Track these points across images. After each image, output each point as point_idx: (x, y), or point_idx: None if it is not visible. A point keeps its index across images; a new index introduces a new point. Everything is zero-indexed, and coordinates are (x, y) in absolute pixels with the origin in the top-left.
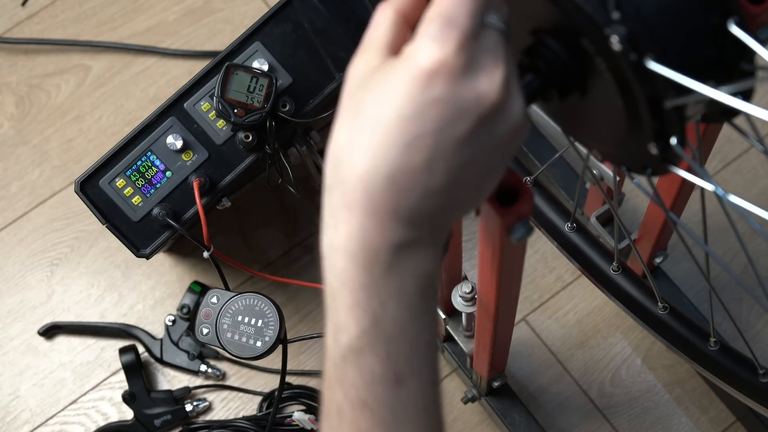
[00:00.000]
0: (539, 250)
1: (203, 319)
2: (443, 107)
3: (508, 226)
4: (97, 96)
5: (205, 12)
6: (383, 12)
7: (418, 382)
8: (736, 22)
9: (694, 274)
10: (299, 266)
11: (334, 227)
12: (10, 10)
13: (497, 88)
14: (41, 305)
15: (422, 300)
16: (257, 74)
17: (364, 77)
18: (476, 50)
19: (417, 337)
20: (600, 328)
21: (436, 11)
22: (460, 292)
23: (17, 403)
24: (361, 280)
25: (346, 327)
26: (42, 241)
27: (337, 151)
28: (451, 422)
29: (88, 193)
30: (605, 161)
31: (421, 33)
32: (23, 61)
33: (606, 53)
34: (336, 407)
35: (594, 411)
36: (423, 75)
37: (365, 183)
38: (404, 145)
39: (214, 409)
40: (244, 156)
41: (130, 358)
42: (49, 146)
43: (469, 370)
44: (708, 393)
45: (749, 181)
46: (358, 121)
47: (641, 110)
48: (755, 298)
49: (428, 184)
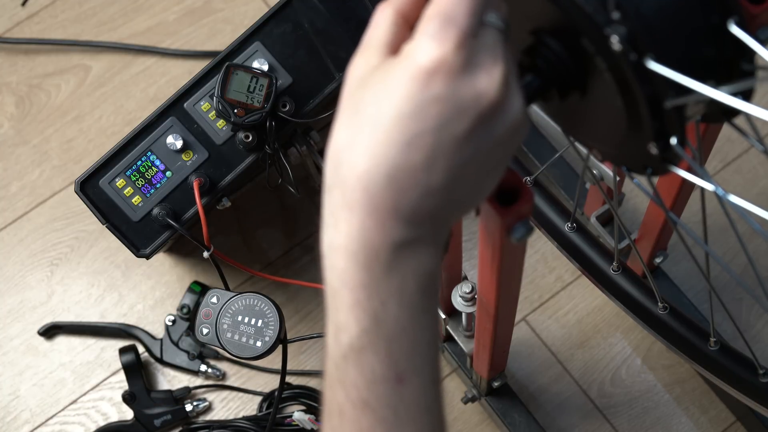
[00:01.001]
0: (539, 250)
1: (203, 319)
2: (443, 105)
3: (508, 226)
4: (97, 96)
5: (205, 12)
6: (382, 12)
7: (419, 381)
8: (736, 22)
9: (694, 274)
10: (299, 266)
11: (335, 226)
12: (10, 10)
13: (496, 86)
14: (41, 305)
15: (423, 299)
16: (257, 74)
17: (364, 76)
18: (475, 48)
19: (418, 336)
20: (600, 328)
21: (434, 10)
22: (460, 292)
23: (17, 403)
24: (361, 280)
25: (346, 326)
26: (42, 241)
27: (336, 150)
28: (451, 422)
29: (88, 193)
30: (605, 161)
31: (420, 32)
32: (23, 61)
33: (606, 53)
34: (337, 407)
35: (594, 411)
36: (422, 73)
37: (365, 182)
38: (404, 143)
39: (214, 409)
40: (244, 156)
41: (130, 358)
42: (49, 146)
43: (469, 370)
44: (708, 393)
45: (749, 181)
46: (358, 120)
47: (641, 110)
48: (755, 298)
49: (428, 182)
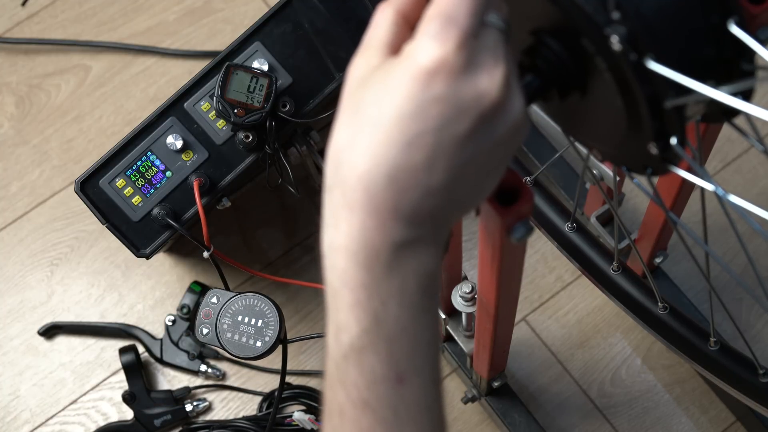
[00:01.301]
0: (539, 250)
1: (203, 319)
2: (443, 105)
3: (508, 226)
4: (97, 96)
5: (205, 12)
6: (383, 12)
7: (419, 382)
8: (736, 22)
9: (694, 274)
10: (299, 266)
11: (335, 226)
12: (10, 10)
13: (497, 86)
14: (41, 305)
15: (423, 299)
16: (257, 74)
17: (365, 76)
18: (476, 49)
19: (418, 336)
20: (600, 328)
21: (435, 10)
22: (460, 292)
23: (17, 403)
24: (361, 280)
25: (347, 326)
26: (42, 241)
27: (337, 150)
28: (451, 422)
29: (88, 193)
30: (605, 161)
31: (421, 32)
32: (23, 61)
33: (606, 53)
34: (338, 407)
35: (594, 411)
36: (423, 73)
37: (366, 182)
38: (404, 143)
39: (214, 409)
40: (244, 156)
41: (130, 358)
42: (49, 146)
43: (469, 370)
44: (708, 393)
45: (749, 181)
46: (359, 120)
47: (641, 110)
48: (755, 298)
49: (429, 182)
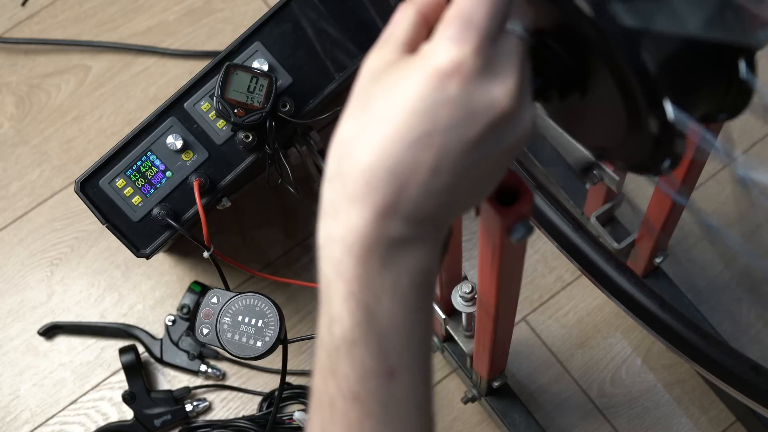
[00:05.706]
0: (539, 250)
1: (203, 319)
2: (455, 108)
3: (508, 226)
4: (97, 96)
5: (205, 12)
6: (404, 10)
7: (409, 378)
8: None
9: (694, 274)
10: (299, 266)
11: (333, 217)
12: (10, 10)
13: (510, 96)
14: (41, 305)
15: (417, 296)
16: (257, 74)
17: (379, 71)
18: (493, 55)
19: (410, 333)
20: (600, 328)
21: (455, 12)
22: (460, 292)
23: (17, 403)
24: (356, 272)
25: (340, 318)
26: (42, 241)
27: (342, 141)
28: (451, 422)
29: (88, 193)
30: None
31: (440, 33)
32: (23, 61)
33: (606, 53)
34: (328, 398)
35: (594, 411)
36: (438, 74)
37: (368, 176)
38: (411, 141)
39: (214, 409)
40: (244, 156)
41: (130, 358)
42: (49, 146)
43: (469, 370)
44: (708, 393)
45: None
46: (367, 113)
47: (641, 110)
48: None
49: (431, 183)
